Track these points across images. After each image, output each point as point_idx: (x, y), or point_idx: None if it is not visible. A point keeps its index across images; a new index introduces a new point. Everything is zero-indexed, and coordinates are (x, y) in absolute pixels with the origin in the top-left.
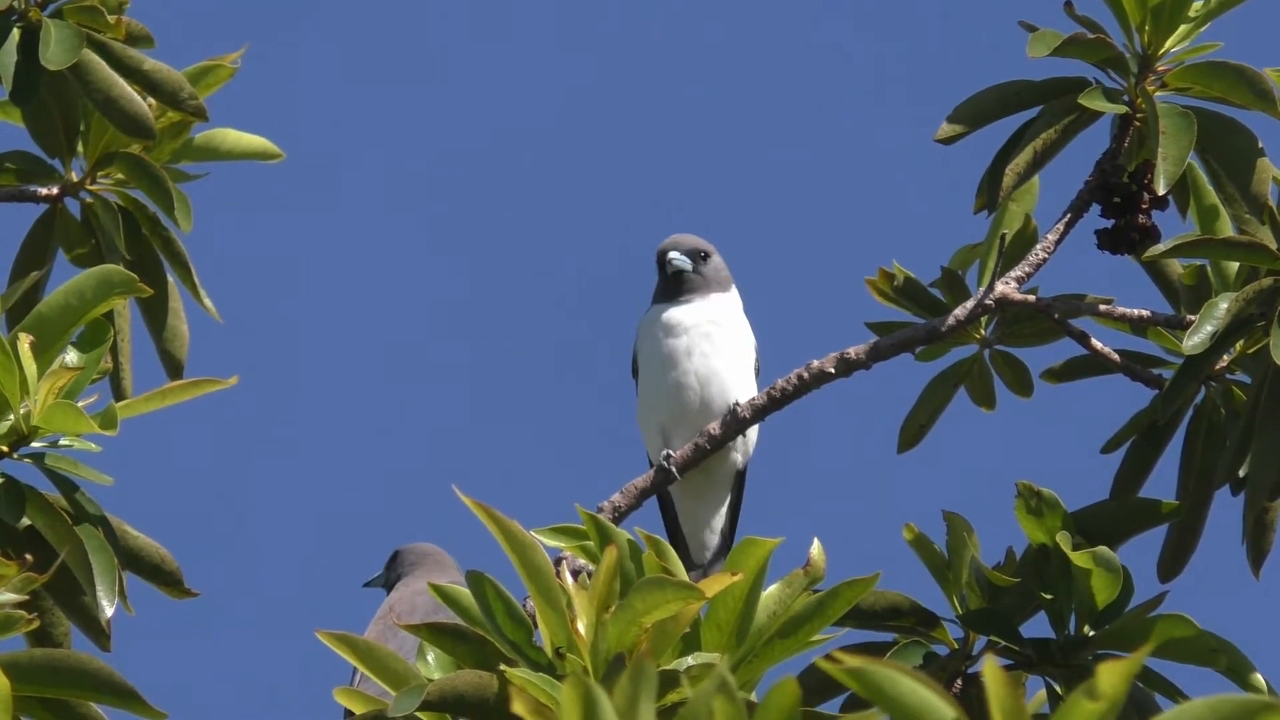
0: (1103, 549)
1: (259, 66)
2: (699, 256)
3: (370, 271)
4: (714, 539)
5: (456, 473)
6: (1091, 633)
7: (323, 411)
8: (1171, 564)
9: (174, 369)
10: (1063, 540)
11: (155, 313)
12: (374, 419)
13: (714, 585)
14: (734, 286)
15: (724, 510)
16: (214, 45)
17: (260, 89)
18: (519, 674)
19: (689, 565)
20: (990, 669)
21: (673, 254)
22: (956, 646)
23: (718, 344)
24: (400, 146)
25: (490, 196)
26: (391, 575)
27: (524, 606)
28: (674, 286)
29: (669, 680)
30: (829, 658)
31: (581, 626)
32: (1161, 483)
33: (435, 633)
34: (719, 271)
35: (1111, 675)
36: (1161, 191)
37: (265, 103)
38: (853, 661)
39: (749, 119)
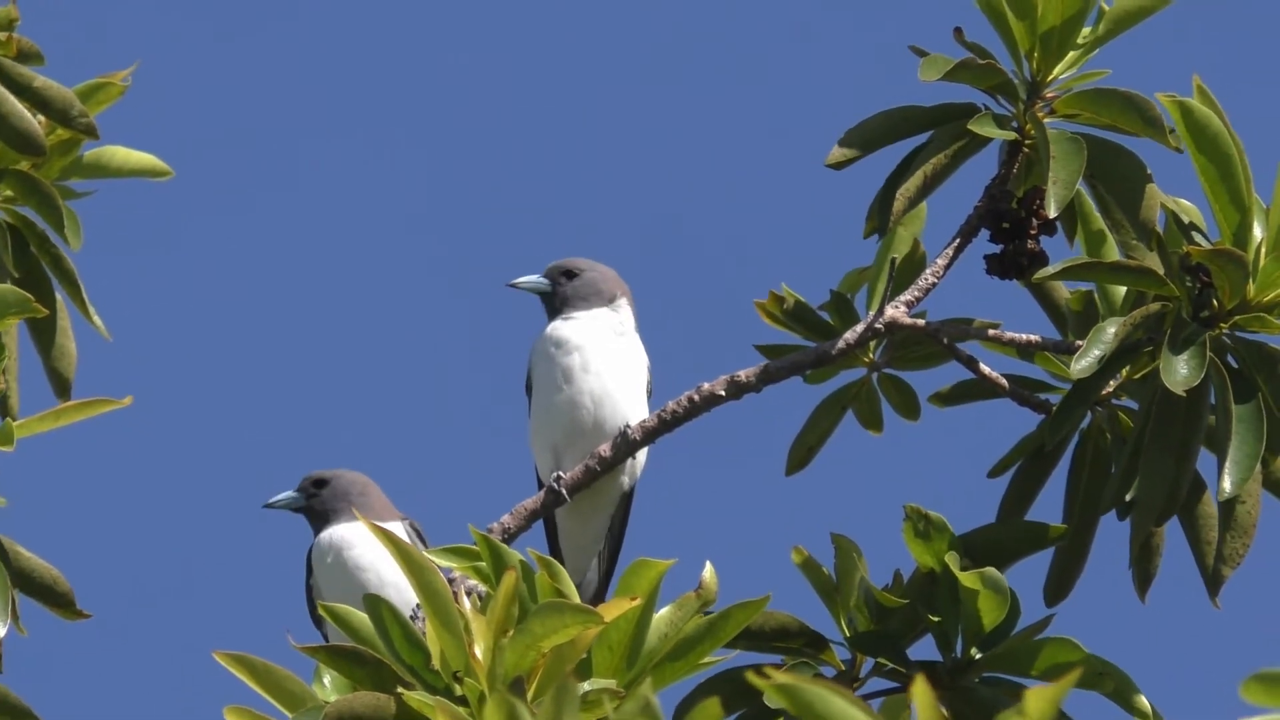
0: (990, 570)
1: (150, 84)
2: (560, 274)
3: (258, 288)
4: (593, 560)
5: None
6: (978, 655)
7: (213, 430)
8: (1058, 588)
9: (62, 388)
10: (951, 560)
11: (43, 331)
12: (264, 435)
13: (612, 609)
14: (624, 302)
15: (606, 532)
16: (105, 63)
17: (152, 106)
18: (416, 697)
19: None
20: (920, 689)
21: (521, 279)
22: (844, 668)
23: (611, 362)
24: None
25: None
26: (316, 503)
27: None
28: (553, 305)
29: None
30: (758, 672)
31: (479, 650)
32: (1048, 507)
33: (333, 655)
34: (591, 287)
35: (1040, 701)
36: (1052, 215)
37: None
38: (782, 678)
39: (640, 139)
